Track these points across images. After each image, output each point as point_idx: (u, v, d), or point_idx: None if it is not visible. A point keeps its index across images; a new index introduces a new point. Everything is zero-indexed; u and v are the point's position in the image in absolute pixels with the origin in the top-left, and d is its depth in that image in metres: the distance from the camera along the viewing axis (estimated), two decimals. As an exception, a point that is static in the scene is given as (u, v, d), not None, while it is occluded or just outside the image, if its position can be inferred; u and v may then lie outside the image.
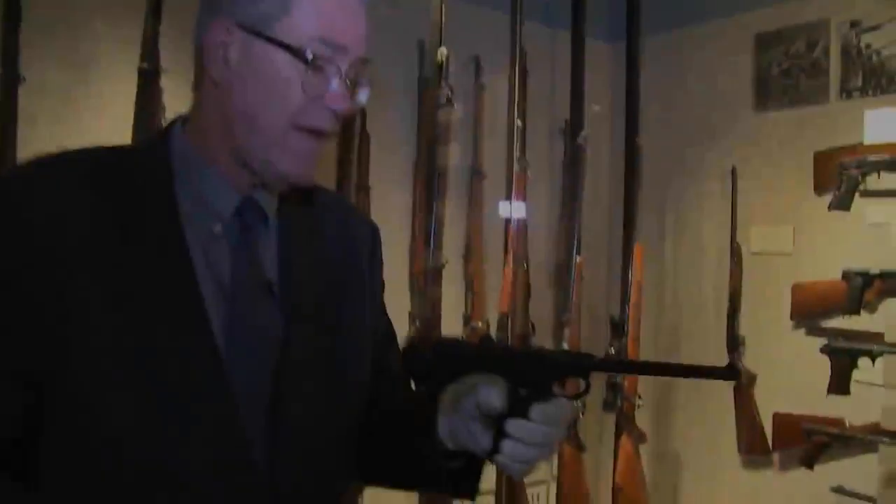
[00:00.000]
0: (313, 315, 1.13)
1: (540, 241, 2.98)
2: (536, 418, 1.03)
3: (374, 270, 1.27)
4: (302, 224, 1.17)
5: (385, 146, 2.57)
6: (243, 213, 1.09)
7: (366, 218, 1.36)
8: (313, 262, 1.16)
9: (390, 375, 1.30)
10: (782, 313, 2.67)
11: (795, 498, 2.66)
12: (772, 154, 2.75)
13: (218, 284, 1.05)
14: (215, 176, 1.07)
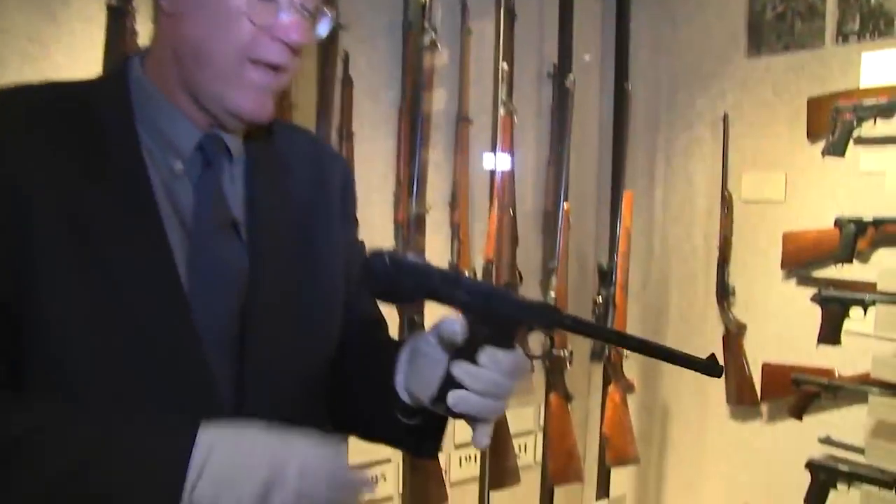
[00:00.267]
0: (281, 254, 1.09)
1: (527, 187, 2.92)
2: (485, 363, 0.98)
3: (347, 208, 1.23)
4: (270, 161, 1.13)
5: (368, 91, 2.50)
6: (205, 149, 1.05)
7: (336, 153, 1.31)
8: (282, 199, 1.12)
9: (363, 320, 1.26)
10: (773, 262, 2.63)
11: (783, 448, 2.64)
12: (765, 100, 2.68)
13: (181, 223, 1.01)
14: (174, 112, 1.03)
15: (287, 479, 0.90)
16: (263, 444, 0.92)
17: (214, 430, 0.91)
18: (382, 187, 2.54)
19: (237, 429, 0.93)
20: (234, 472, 0.89)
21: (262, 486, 0.89)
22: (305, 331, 1.12)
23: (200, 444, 0.89)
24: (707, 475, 2.88)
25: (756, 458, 2.73)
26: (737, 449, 2.79)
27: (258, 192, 1.10)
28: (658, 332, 3.00)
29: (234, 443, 0.91)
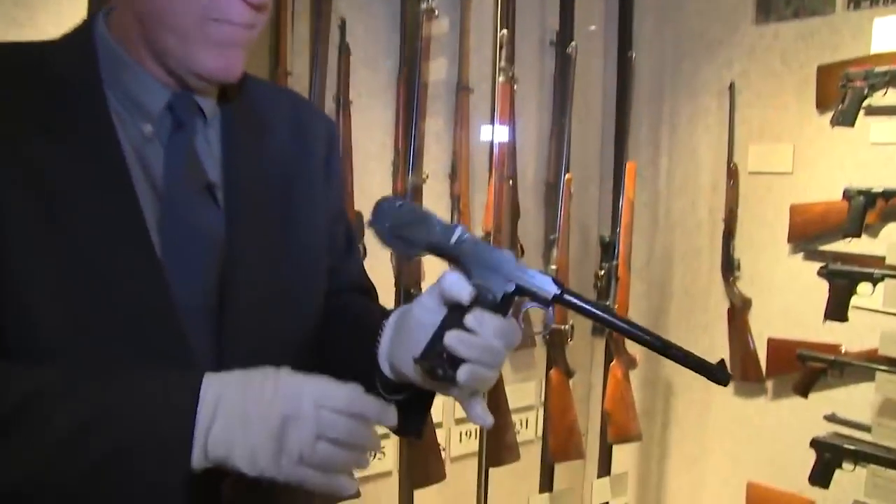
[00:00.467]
0: (261, 218, 1.05)
1: (530, 158, 2.86)
2: (473, 325, 0.92)
3: (331, 170, 1.18)
4: (249, 121, 1.08)
5: (366, 59, 2.43)
6: (175, 110, 1.00)
7: (321, 113, 1.25)
8: (261, 161, 1.07)
9: (351, 287, 1.22)
10: (780, 236, 2.56)
11: (788, 426, 2.60)
12: (773, 69, 2.61)
13: (153, 188, 0.97)
14: (141, 72, 0.98)
15: (303, 411, 0.86)
16: (274, 381, 0.88)
17: (220, 375, 0.88)
18: (381, 156, 2.49)
19: (244, 372, 0.89)
20: (247, 411, 0.85)
21: (278, 421, 0.85)
22: (287, 299, 1.07)
23: (209, 388, 0.86)
24: (710, 452, 2.84)
25: (760, 435, 2.68)
26: (741, 426, 2.74)
27: (235, 154, 1.05)
28: (661, 307, 2.95)
29: (244, 383, 0.87)
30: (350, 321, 1.15)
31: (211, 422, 0.85)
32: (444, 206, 2.61)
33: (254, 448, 0.85)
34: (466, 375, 0.92)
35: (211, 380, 0.87)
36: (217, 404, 0.85)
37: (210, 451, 0.85)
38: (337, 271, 1.18)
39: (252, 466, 0.85)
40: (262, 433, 0.85)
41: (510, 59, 2.56)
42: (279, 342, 1.05)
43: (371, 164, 2.46)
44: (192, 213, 0.99)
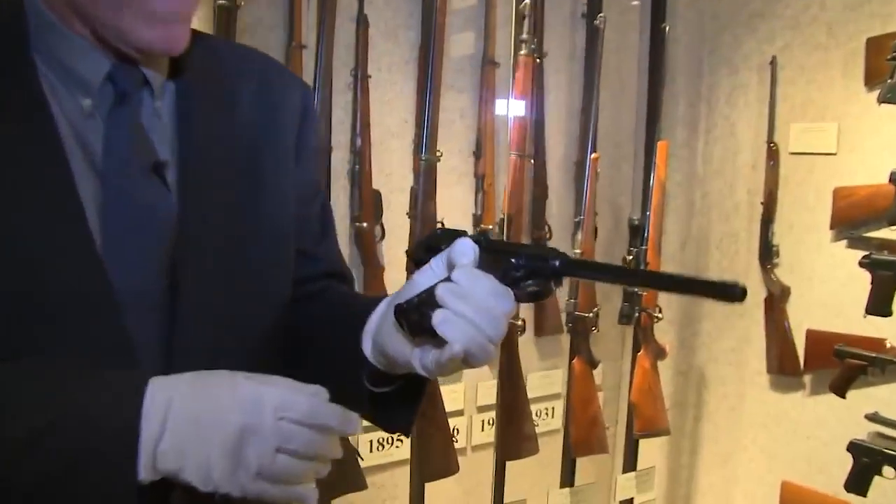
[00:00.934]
0: (219, 200, 0.95)
1: (559, 136, 2.73)
2: (460, 279, 0.84)
3: (304, 144, 1.07)
4: (209, 91, 0.98)
5: (386, 31, 2.33)
6: (117, 82, 0.89)
7: (296, 78, 1.14)
8: (222, 135, 0.97)
9: (329, 273, 1.12)
10: (822, 221, 2.42)
11: (826, 423, 2.46)
12: (818, 42, 2.44)
13: (94, 169, 0.87)
14: (77, 41, 0.88)
15: (263, 423, 0.78)
16: (230, 387, 0.79)
17: (169, 379, 0.80)
18: (402, 133, 2.39)
19: (196, 375, 0.81)
20: (200, 421, 0.77)
21: (235, 433, 0.77)
22: (249, 290, 0.98)
23: (157, 393, 0.77)
24: (744, 448, 2.71)
25: (797, 432, 2.55)
26: (777, 421, 2.60)
27: (191, 129, 0.95)
28: (695, 292, 2.81)
29: (196, 388, 0.79)
30: (330, 309, 1.06)
31: (160, 433, 0.76)
32: (467, 186, 2.51)
33: (208, 462, 0.77)
34: (445, 324, 0.82)
35: (158, 384, 0.79)
36: (167, 413, 0.77)
37: (159, 464, 0.77)
38: (310, 256, 1.09)
39: (206, 482, 0.77)
40: (218, 446, 0.77)
41: (536, 31, 2.45)
42: (237, 337, 0.96)
43: (391, 141, 2.37)
44: (138, 195, 0.90)
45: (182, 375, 0.81)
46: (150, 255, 0.89)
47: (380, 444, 2.36)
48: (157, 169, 0.91)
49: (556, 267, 0.88)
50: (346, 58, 2.22)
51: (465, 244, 0.87)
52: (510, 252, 0.90)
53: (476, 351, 0.83)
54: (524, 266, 0.88)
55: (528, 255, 0.89)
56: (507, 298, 0.85)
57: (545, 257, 0.88)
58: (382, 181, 2.32)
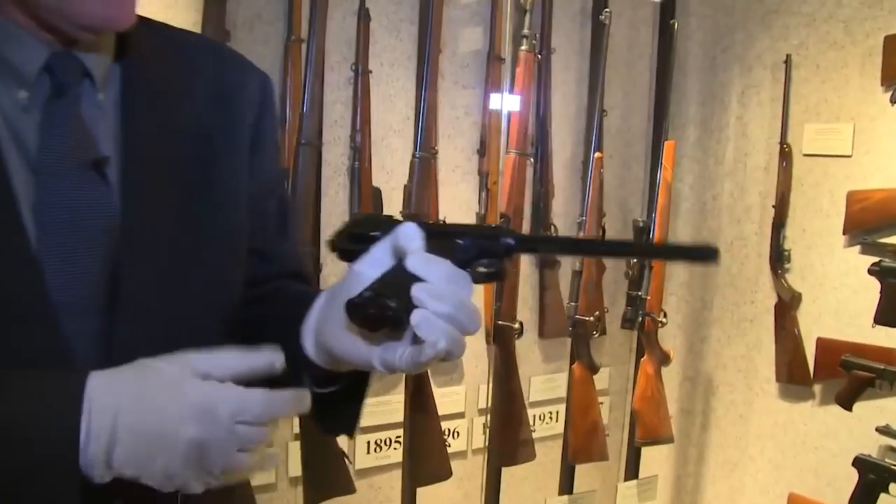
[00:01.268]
0: (165, 198, 0.90)
1: (567, 134, 2.67)
2: (414, 266, 0.79)
3: (261, 136, 1.02)
4: (158, 81, 0.92)
5: (389, 26, 2.28)
6: (55, 72, 0.85)
7: (254, 68, 1.07)
8: (170, 130, 0.92)
9: (280, 272, 1.07)
10: (835, 225, 2.34)
11: (835, 435, 2.38)
12: (834, 39, 2.36)
13: (30, 165, 0.82)
14: (11, 27, 0.83)
15: (220, 432, 0.75)
16: (178, 393, 0.75)
17: (109, 380, 0.75)
18: (403, 130, 2.34)
19: (138, 375, 0.76)
20: (152, 436, 0.74)
21: (192, 446, 0.74)
22: (196, 294, 0.92)
23: (100, 398, 0.73)
24: (751, 458, 2.63)
25: (805, 442, 2.47)
26: (785, 431, 2.52)
27: (136, 123, 0.89)
28: (705, 298, 2.74)
29: (142, 399, 0.75)
30: (276, 309, 1.00)
31: (111, 444, 0.73)
32: (472, 185, 2.45)
33: (167, 471, 0.74)
34: (425, 325, 0.77)
35: (98, 388, 0.74)
36: (115, 423, 0.73)
37: (118, 471, 0.73)
38: (266, 256, 1.03)
39: (167, 486, 0.75)
40: (177, 459, 0.74)
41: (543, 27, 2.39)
42: (184, 343, 0.91)
43: (392, 139, 2.32)
44: (77, 194, 0.85)
45: (123, 374, 0.76)
46: (88, 258, 0.85)
47: (377, 445, 2.32)
48: (97, 166, 0.86)
49: (510, 244, 0.84)
50: (347, 52, 2.18)
51: (411, 229, 0.82)
52: (457, 233, 0.85)
53: (454, 347, 0.78)
54: (475, 246, 0.84)
55: (478, 234, 0.86)
56: (465, 283, 0.81)
57: (496, 236, 0.85)
58: (383, 178, 2.27)
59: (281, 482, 2.17)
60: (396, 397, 2.22)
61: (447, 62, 2.36)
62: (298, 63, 2.01)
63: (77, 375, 0.75)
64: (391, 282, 0.79)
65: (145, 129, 0.90)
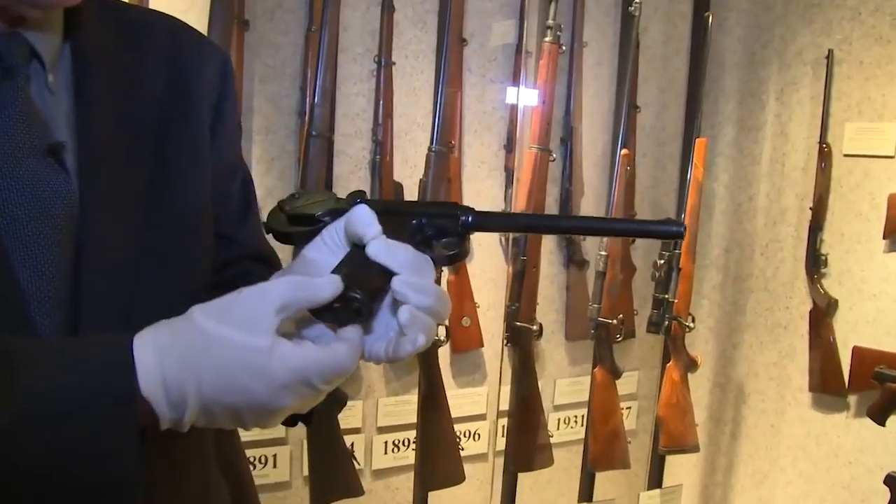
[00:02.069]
0: (125, 184, 0.86)
1: (599, 130, 2.60)
2: (376, 252, 0.76)
3: (222, 116, 0.98)
4: (111, 61, 0.88)
5: (414, 17, 2.24)
6: (2, 53, 0.81)
7: (214, 45, 1.02)
8: (126, 112, 0.87)
9: (250, 256, 1.03)
10: (875, 229, 2.24)
11: (870, 449, 2.28)
12: (879, 34, 2.25)
13: None
14: None
15: (313, 392, 0.72)
16: (264, 376, 0.70)
17: (181, 355, 0.70)
18: (427, 125, 2.29)
19: (206, 355, 0.70)
20: (244, 412, 0.72)
21: (284, 411, 0.72)
22: (162, 281, 0.88)
23: (167, 377, 0.69)
24: (781, 469, 2.53)
25: (838, 455, 2.38)
26: (817, 443, 2.42)
27: (91, 104, 0.85)
28: (737, 301, 2.64)
29: (224, 382, 0.70)
30: None
31: (182, 406, 0.70)
32: (498, 181, 2.40)
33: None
34: (413, 322, 0.75)
35: (171, 362, 0.70)
36: (196, 395, 0.70)
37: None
38: (228, 239, 0.99)
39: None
40: (267, 420, 0.73)
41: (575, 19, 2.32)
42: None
43: (416, 133, 2.28)
44: (36, 182, 0.81)
45: (192, 343, 0.70)
46: (53, 249, 0.81)
47: (394, 446, 2.28)
48: (53, 151, 0.82)
49: (467, 221, 0.81)
50: (370, 44, 2.14)
51: (364, 212, 0.78)
52: (411, 212, 0.82)
53: (430, 340, 0.77)
54: (431, 225, 0.81)
55: (434, 213, 0.82)
56: (429, 268, 0.78)
57: (453, 214, 0.81)
58: (406, 173, 2.23)
59: (295, 480, 2.15)
60: (414, 397, 2.18)
61: (474, 55, 2.31)
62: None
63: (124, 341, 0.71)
64: (353, 272, 0.74)
65: (100, 111, 0.85)
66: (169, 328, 0.72)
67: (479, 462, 2.43)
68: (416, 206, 0.88)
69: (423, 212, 0.83)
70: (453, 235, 0.82)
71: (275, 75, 2.02)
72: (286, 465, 2.11)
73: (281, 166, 2.04)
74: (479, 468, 2.40)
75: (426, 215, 0.82)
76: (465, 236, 0.82)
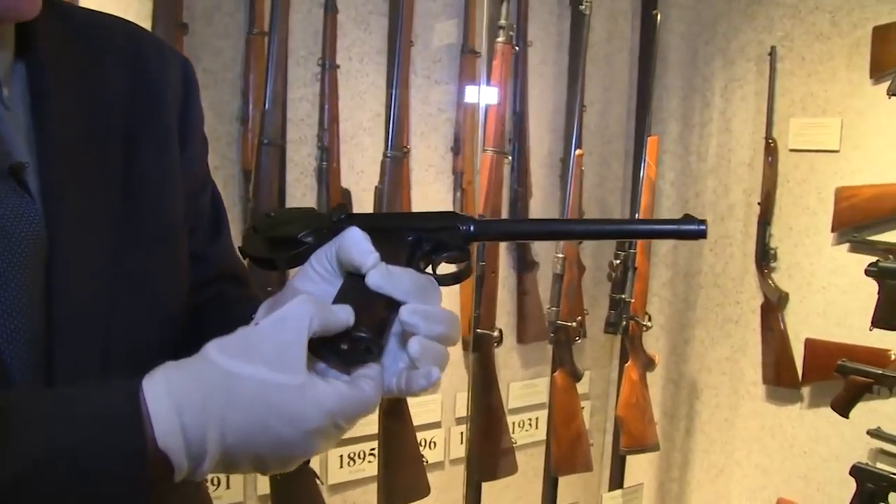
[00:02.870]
0: (92, 201, 0.79)
1: (545, 131, 2.58)
2: (381, 283, 0.70)
3: (189, 127, 0.91)
4: (68, 70, 0.80)
5: (357, 18, 2.17)
6: None
7: (174, 51, 0.95)
8: (87, 125, 0.80)
9: (216, 274, 0.96)
10: (822, 223, 2.26)
11: (825, 439, 2.31)
12: (820, 31, 2.28)
13: None
14: None
15: (340, 432, 0.67)
16: (293, 425, 0.64)
17: (199, 400, 0.63)
18: (373, 129, 2.24)
19: (230, 405, 0.63)
20: (266, 458, 0.66)
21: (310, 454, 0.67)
22: (137, 309, 0.81)
23: (187, 427, 0.62)
24: (736, 462, 2.55)
25: (793, 446, 2.40)
26: (772, 435, 2.45)
27: (50, 119, 0.77)
28: (687, 298, 2.65)
29: (250, 430, 0.64)
30: (220, 321, 0.90)
31: (202, 453, 0.63)
32: (445, 185, 2.36)
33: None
34: (425, 355, 0.69)
35: (188, 406, 0.63)
36: (219, 447, 0.63)
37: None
38: (202, 259, 0.93)
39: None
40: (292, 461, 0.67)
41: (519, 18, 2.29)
42: (126, 361, 0.80)
43: (363, 137, 2.22)
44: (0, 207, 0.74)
45: (212, 391, 0.63)
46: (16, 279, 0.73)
47: (350, 459, 2.22)
48: (14, 172, 0.74)
49: (469, 232, 0.76)
50: (313, 46, 2.07)
51: (357, 237, 0.72)
52: (406, 227, 0.77)
53: (444, 366, 0.72)
54: (429, 240, 0.76)
55: (431, 226, 0.77)
56: (435, 291, 0.73)
57: (452, 225, 0.76)
58: (353, 179, 2.17)
59: (249, 500, 2.07)
60: (372, 408, 2.12)
61: (419, 57, 2.26)
62: (262, 57, 1.89)
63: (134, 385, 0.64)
64: (356, 307, 0.68)
65: (61, 126, 0.78)
66: (183, 370, 0.65)
67: (436, 471, 2.39)
68: (409, 219, 0.80)
69: (419, 226, 0.77)
70: (454, 249, 0.77)
71: (215, 81, 1.93)
72: (240, 485, 2.04)
73: (224, 175, 1.95)
74: (436, 477, 2.36)
75: (423, 230, 0.76)
76: (468, 249, 0.77)
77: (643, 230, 0.81)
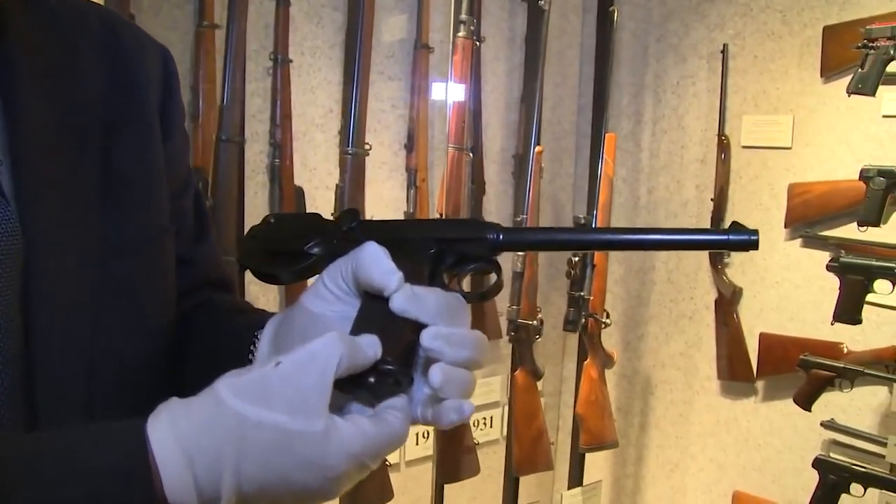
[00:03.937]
0: (70, 203, 0.73)
1: (497, 127, 2.56)
2: (402, 306, 0.64)
3: (171, 121, 0.86)
4: (43, 65, 0.75)
5: (309, 11, 2.13)
6: None
7: (153, 41, 0.89)
8: (63, 121, 0.75)
9: (202, 280, 0.91)
10: (775, 218, 2.29)
11: (779, 431, 2.34)
12: (771, 29, 2.31)
13: None
14: None
15: (366, 471, 0.61)
16: (316, 472, 0.59)
17: (214, 447, 0.57)
18: (326, 125, 2.19)
19: (246, 447, 0.57)
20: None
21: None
22: (123, 320, 0.76)
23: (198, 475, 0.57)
24: (692, 457, 2.57)
25: (748, 440, 2.43)
26: (727, 429, 2.47)
27: (23, 117, 0.72)
28: (641, 295, 2.67)
29: (271, 476, 0.58)
30: (216, 327, 0.85)
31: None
32: (399, 182, 2.32)
33: None
34: (449, 384, 0.63)
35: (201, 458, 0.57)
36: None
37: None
38: (187, 263, 0.87)
39: None
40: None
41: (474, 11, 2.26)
42: (112, 376, 0.75)
43: (315, 134, 2.17)
44: None
45: (220, 451, 0.57)
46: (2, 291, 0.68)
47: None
48: None
49: (497, 240, 0.70)
50: (264, 40, 2.02)
51: (376, 255, 0.66)
52: (426, 237, 0.70)
53: (472, 394, 0.66)
54: (453, 252, 0.70)
55: (454, 237, 0.71)
56: (463, 310, 0.67)
57: (479, 236, 0.70)
58: (306, 177, 2.12)
59: None
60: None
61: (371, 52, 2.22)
62: (212, 51, 1.82)
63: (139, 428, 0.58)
64: (381, 335, 0.62)
65: (34, 121, 0.72)
66: (192, 412, 0.58)
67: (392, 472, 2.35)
68: (428, 227, 0.74)
69: (441, 236, 0.71)
70: (481, 261, 0.70)
71: (164, 75, 1.86)
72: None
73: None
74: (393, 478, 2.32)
75: (445, 240, 0.70)
76: (496, 261, 0.71)
77: (689, 240, 0.75)
